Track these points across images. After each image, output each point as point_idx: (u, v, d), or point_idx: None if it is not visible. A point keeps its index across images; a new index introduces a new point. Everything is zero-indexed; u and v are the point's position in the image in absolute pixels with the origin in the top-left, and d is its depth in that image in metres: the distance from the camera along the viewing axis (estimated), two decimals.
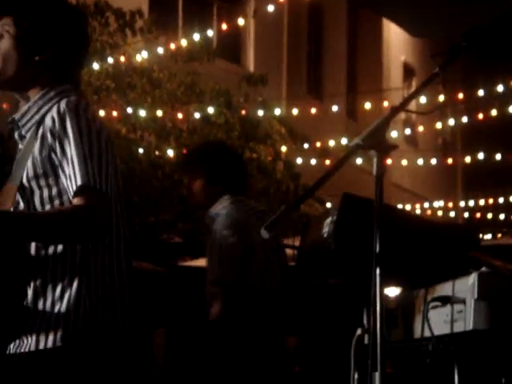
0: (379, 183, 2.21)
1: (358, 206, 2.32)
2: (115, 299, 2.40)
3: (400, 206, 9.43)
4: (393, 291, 3.33)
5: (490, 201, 13.95)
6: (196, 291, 8.82)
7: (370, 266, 2.20)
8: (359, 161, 11.28)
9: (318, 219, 2.50)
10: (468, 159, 12.23)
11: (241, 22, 9.63)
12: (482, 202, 14.04)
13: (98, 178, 2.34)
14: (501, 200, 13.75)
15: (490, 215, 14.66)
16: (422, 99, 10.55)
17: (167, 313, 9.07)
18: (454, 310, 2.11)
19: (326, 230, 2.38)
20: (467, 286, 2.06)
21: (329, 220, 2.37)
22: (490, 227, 14.24)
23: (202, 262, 8.75)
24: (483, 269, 2.09)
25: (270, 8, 9.30)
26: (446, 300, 2.12)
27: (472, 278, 2.05)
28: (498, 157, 12.09)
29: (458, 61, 2.40)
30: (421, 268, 2.37)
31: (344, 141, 11.38)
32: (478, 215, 14.78)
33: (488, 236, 13.58)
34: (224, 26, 9.65)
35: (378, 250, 2.18)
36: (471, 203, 14.47)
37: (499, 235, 13.79)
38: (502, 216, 14.57)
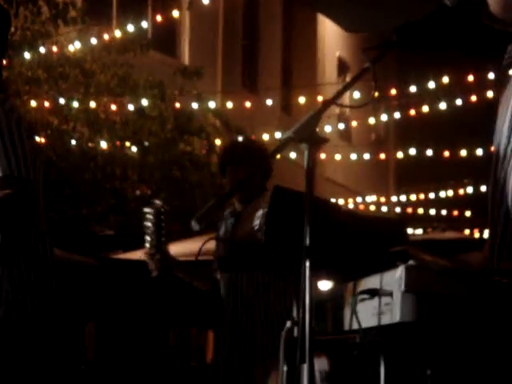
0: (310, 176, 2.22)
1: (289, 199, 2.32)
2: (36, 290, 2.36)
3: (333, 200, 9.50)
4: (325, 285, 3.36)
5: (421, 196, 14.15)
6: (127, 284, 8.78)
7: (301, 259, 2.21)
8: (293, 155, 11.33)
9: (249, 212, 2.50)
10: (400, 155, 12.38)
11: (175, 13, 9.59)
12: (413, 198, 14.23)
13: (24, 168, 2.31)
14: (432, 195, 13.95)
15: (421, 210, 14.86)
16: (356, 94, 10.65)
17: (98, 306, 9.01)
18: (381, 302, 2.13)
19: (256, 222, 2.38)
20: (394, 278, 2.08)
21: (260, 213, 2.38)
22: (421, 222, 14.43)
23: (133, 255, 8.71)
24: (410, 262, 2.11)
25: (206, 0, 9.28)
26: (373, 293, 2.14)
27: (399, 271, 2.06)
28: (430, 152, 12.25)
29: (391, 57, 2.42)
30: (350, 261, 2.38)
31: (278, 135, 11.41)
32: (410, 210, 14.97)
33: (419, 231, 13.76)
34: (159, 18, 9.60)
35: (308, 242, 2.19)
36: (403, 198, 14.65)
37: (430, 230, 13.98)
38: (432, 211, 14.78)
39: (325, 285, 3.39)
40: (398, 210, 15.14)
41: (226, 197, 2.19)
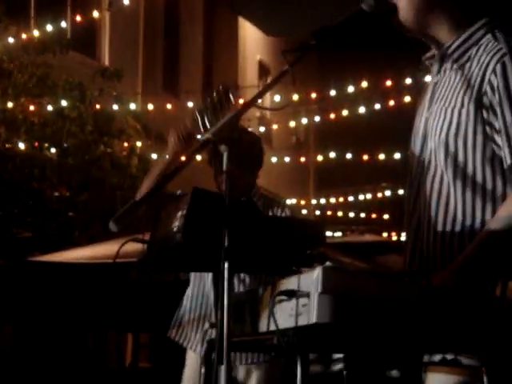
0: (229, 178, 2.23)
1: (208, 201, 2.33)
2: None
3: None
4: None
5: (341, 199, 14.31)
6: (45, 287, 8.66)
7: (219, 260, 2.21)
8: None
9: (167, 213, 2.49)
10: (320, 158, 12.50)
11: (95, 14, 9.51)
12: (333, 200, 14.37)
13: None
14: (351, 198, 14.12)
15: (340, 213, 15.02)
16: (277, 97, 10.71)
17: (14, 309, 8.87)
18: (298, 303, 2.15)
19: (175, 224, 2.38)
20: (312, 280, 2.10)
21: (179, 214, 2.37)
22: (340, 225, 14.59)
23: (51, 257, 8.61)
24: (327, 263, 2.14)
25: (126, 1, 9.22)
26: (291, 294, 2.15)
27: (316, 273, 2.08)
28: (349, 156, 12.40)
29: (312, 62, 2.45)
30: (268, 262, 2.40)
31: (199, 137, 11.40)
32: (329, 213, 15.12)
33: (338, 233, 13.91)
34: (78, 18, 9.50)
35: (226, 244, 2.20)
36: (322, 201, 14.79)
37: (349, 233, 14.15)
38: (351, 214, 14.96)
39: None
40: (317, 212, 15.27)
41: (144, 198, 2.18)
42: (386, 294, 2.11)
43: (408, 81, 10.15)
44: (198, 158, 2.65)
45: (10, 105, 10.16)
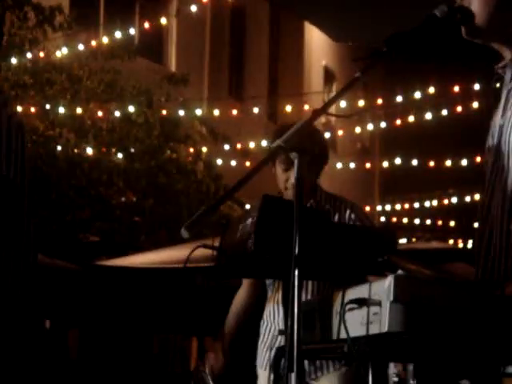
0: (299, 185, 2.23)
1: (278, 208, 2.33)
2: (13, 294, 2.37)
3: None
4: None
5: (406, 205, 14.19)
6: (111, 290, 8.75)
7: (289, 268, 2.21)
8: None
9: (237, 220, 2.50)
10: (385, 164, 12.41)
11: (163, 21, 9.60)
12: (398, 207, 14.26)
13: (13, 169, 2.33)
14: (416, 205, 13.99)
15: (405, 220, 14.90)
16: (342, 103, 10.67)
17: (82, 312, 8.97)
18: (369, 312, 2.13)
19: (246, 230, 2.38)
20: (383, 288, 2.08)
21: (249, 221, 2.38)
22: (406, 232, 14.47)
23: (117, 262, 8.69)
24: (399, 272, 2.12)
25: (193, 8, 9.29)
26: (362, 302, 2.14)
27: (388, 281, 2.07)
28: (415, 162, 12.29)
29: (379, 67, 2.44)
30: (339, 270, 2.39)
31: (264, 143, 11.43)
32: (394, 219, 15.01)
33: (403, 240, 13.79)
34: (146, 25, 9.60)
35: (297, 251, 2.19)
36: (388, 208, 14.68)
37: (414, 239, 14.03)
38: (416, 221, 14.82)
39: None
40: (382, 219, 15.18)
41: (216, 204, 2.19)
42: (459, 304, 2.08)
43: (476, 87, 10.04)
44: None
45: (79, 110, 10.30)
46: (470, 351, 2.12)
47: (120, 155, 10.89)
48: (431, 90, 10.29)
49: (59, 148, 10.45)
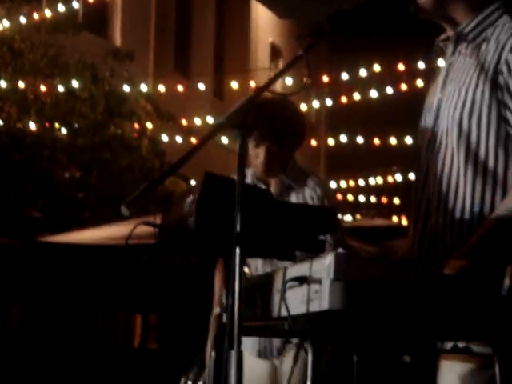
0: (242, 162, 2.22)
1: (220, 185, 2.32)
2: None
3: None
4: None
5: (351, 183, 14.27)
6: (55, 267, 8.68)
7: (231, 246, 2.21)
8: (225, 140, 11.32)
9: (179, 197, 2.48)
10: (331, 142, 12.46)
11: None
12: (343, 184, 14.34)
13: None
14: (361, 182, 14.08)
15: (350, 197, 14.99)
16: (289, 81, 10.68)
17: (24, 289, 8.90)
18: (310, 289, 2.14)
19: (187, 208, 2.37)
20: (324, 266, 2.09)
21: (190, 198, 2.36)
22: (351, 208, 14.56)
23: (61, 238, 8.62)
24: (340, 250, 2.13)
25: None
26: (302, 280, 2.14)
27: (328, 259, 2.07)
28: (360, 140, 12.36)
29: (323, 45, 2.44)
30: (279, 247, 2.39)
31: (210, 119, 11.39)
32: (340, 196, 15.09)
33: (348, 217, 13.88)
34: None
35: (238, 229, 2.19)
36: (333, 185, 14.76)
37: (359, 216, 14.13)
38: (361, 198, 14.92)
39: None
40: None
41: (157, 181, 2.18)
42: (399, 282, 2.10)
43: (420, 65, 10.10)
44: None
45: (21, 85, 10.15)
46: (410, 328, 2.14)
47: (64, 130, 10.77)
48: (376, 67, 10.34)
49: (0, 122, 10.29)
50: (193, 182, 10.82)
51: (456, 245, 2.36)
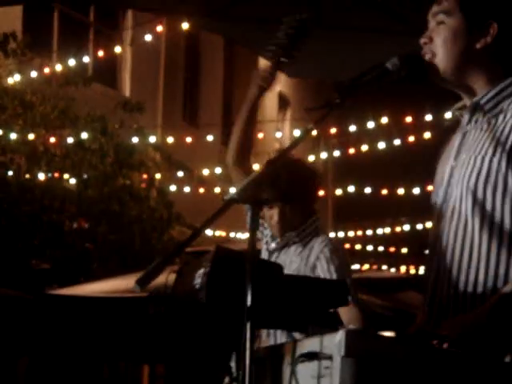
0: (253, 237, 2.23)
1: (231, 259, 2.33)
2: None
3: None
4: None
5: (359, 232, 14.26)
6: (62, 319, 8.68)
7: (242, 319, 2.22)
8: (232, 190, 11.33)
9: (191, 268, 2.50)
10: (339, 192, 12.48)
11: (118, 49, 9.56)
12: (351, 234, 14.33)
13: None
14: (369, 232, 14.07)
15: (358, 246, 14.97)
16: (296, 132, 10.74)
17: (32, 341, 8.88)
18: (321, 365, 2.14)
19: (198, 281, 2.38)
20: (334, 342, 2.09)
21: (201, 271, 2.38)
22: (358, 258, 14.54)
23: (69, 291, 8.62)
24: (350, 326, 2.13)
25: (148, 37, 9.27)
26: (313, 356, 2.15)
27: (339, 335, 2.07)
28: (368, 190, 12.38)
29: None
30: (291, 321, 2.40)
31: (218, 170, 11.43)
32: (348, 246, 15.07)
33: (356, 266, 13.87)
34: (101, 53, 9.57)
35: (249, 303, 2.20)
36: (341, 234, 14.75)
37: (366, 266, 14.10)
38: (369, 247, 14.91)
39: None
40: None
41: (167, 259, 2.19)
42: (410, 359, 2.10)
43: (428, 117, 10.15)
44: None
45: (31, 136, 10.22)
46: None
47: (73, 181, 10.82)
48: (384, 119, 10.39)
49: (10, 173, 10.35)
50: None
51: (467, 310, 2.35)
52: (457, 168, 2.46)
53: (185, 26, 7.71)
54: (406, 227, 13.76)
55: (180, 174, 11.83)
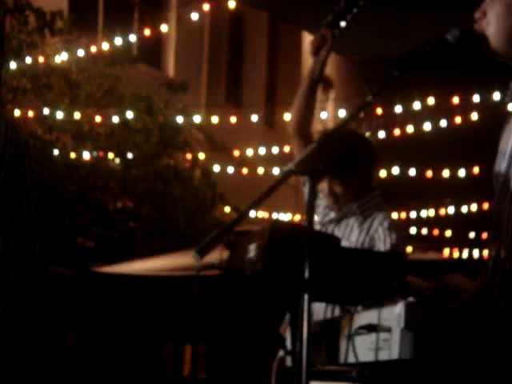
0: (311, 209, 2.22)
1: (287, 231, 2.33)
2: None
3: None
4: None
5: (403, 214, 14.16)
6: (108, 297, 8.74)
7: (298, 292, 2.21)
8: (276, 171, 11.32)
9: (244, 241, 2.49)
10: (383, 173, 12.39)
11: (164, 28, 9.56)
12: (394, 216, 14.22)
13: None
14: (413, 214, 13.97)
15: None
16: (342, 113, 10.69)
17: (77, 318, 8.97)
18: (379, 338, 2.13)
19: (252, 254, 2.38)
20: (394, 315, 2.08)
21: (256, 244, 2.37)
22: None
23: (114, 269, 8.68)
24: (410, 298, 2.12)
25: (194, 16, 9.26)
26: (372, 328, 2.14)
27: (399, 308, 2.06)
28: (412, 172, 12.29)
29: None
30: (349, 294, 2.39)
31: (262, 150, 11.41)
32: None
33: None
34: (147, 32, 9.58)
35: (306, 276, 2.19)
36: None
37: (410, 249, 14.00)
38: (413, 230, 14.81)
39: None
40: None
41: (227, 228, 2.18)
42: (469, 331, 2.08)
43: (475, 98, 10.04)
44: None
45: (77, 115, 10.27)
46: (480, 378, 2.12)
47: (117, 161, 10.87)
48: (430, 100, 10.29)
49: (56, 152, 10.42)
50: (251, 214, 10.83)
51: None
52: None
53: (230, 4, 7.70)
54: (451, 209, 13.64)
55: (224, 154, 11.83)
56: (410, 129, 10.96)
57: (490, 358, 2.07)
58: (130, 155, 10.82)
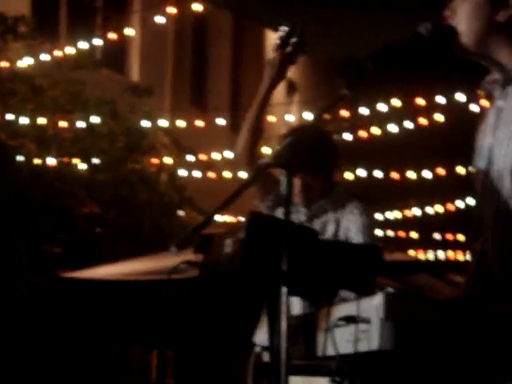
0: (288, 202, 2.22)
1: (265, 225, 2.32)
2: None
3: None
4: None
5: None
6: (74, 303, 8.67)
7: (275, 285, 2.21)
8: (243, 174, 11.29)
9: (221, 236, 2.49)
10: (349, 175, 12.44)
11: (130, 32, 9.52)
12: None
13: None
14: (379, 216, 14.03)
15: None
16: (307, 116, 10.70)
17: (44, 324, 8.89)
18: (358, 329, 2.13)
19: (229, 248, 2.37)
20: (373, 305, 2.08)
21: (233, 238, 2.37)
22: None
23: (81, 274, 8.62)
24: (389, 289, 2.12)
25: (160, 19, 9.22)
26: (351, 320, 2.14)
27: (378, 299, 2.06)
28: (378, 174, 12.34)
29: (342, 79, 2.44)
30: (326, 286, 2.39)
31: (227, 153, 11.39)
32: None
33: None
34: (111, 36, 9.53)
35: (284, 268, 2.19)
36: None
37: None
38: (379, 232, 14.86)
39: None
40: None
41: (205, 222, 2.18)
42: (448, 322, 2.09)
43: (439, 99, 10.10)
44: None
45: (41, 121, 10.19)
46: (461, 369, 2.13)
47: (83, 166, 10.79)
48: (395, 102, 10.34)
49: (21, 158, 10.32)
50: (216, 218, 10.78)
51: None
52: (495, 146, 2.42)
53: (195, 7, 7.68)
54: (416, 211, 13.73)
55: (189, 158, 11.79)
56: (375, 130, 11.01)
57: (470, 347, 2.08)
58: (95, 160, 10.75)
